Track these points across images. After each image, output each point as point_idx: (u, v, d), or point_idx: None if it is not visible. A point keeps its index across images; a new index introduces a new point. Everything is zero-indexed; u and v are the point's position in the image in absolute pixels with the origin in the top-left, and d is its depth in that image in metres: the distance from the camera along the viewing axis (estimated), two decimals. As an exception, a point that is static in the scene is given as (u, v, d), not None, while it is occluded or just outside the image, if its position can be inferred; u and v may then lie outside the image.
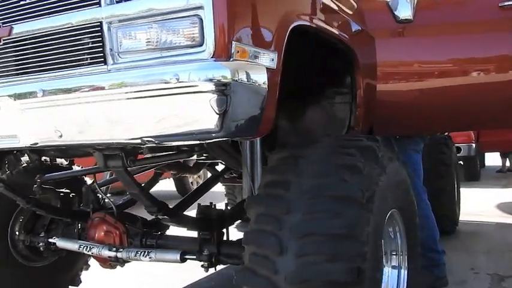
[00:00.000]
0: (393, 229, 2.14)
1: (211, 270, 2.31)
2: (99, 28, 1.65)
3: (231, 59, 1.50)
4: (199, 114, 1.46)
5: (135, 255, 2.31)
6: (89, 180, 3.26)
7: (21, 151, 2.73)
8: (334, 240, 1.55)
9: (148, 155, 2.09)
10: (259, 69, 1.57)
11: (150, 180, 3.45)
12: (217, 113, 1.44)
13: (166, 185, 7.55)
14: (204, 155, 2.82)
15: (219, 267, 2.40)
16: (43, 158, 2.94)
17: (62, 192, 3.03)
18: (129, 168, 2.08)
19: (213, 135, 1.47)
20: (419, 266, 2.25)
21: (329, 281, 1.52)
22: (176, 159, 2.45)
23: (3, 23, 1.83)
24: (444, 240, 4.55)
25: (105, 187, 3.11)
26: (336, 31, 2.18)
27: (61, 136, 1.71)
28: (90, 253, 2.49)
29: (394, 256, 2.17)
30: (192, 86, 1.45)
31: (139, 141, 1.60)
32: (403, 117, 2.98)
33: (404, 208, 2.11)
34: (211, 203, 2.47)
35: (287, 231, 1.61)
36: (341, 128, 2.67)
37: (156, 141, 1.58)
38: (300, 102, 2.80)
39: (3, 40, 1.83)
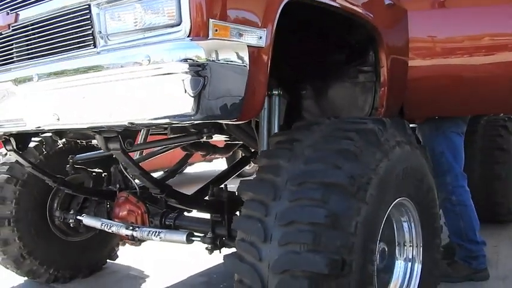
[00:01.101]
0: (406, 219, 2.00)
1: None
2: (88, 11, 1.65)
3: (209, 38, 1.44)
4: (174, 97, 1.42)
5: (147, 235, 2.35)
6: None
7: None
8: (317, 230, 1.46)
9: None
10: (240, 48, 1.50)
11: (180, 161, 3.50)
12: (191, 95, 1.40)
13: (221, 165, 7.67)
14: (225, 135, 2.80)
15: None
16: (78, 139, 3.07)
17: (94, 172, 3.15)
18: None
19: (190, 118, 1.43)
20: (437, 259, 2.09)
21: (310, 271, 1.44)
22: (184, 141, 2.45)
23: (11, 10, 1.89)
24: (497, 229, 4.25)
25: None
26: (348, 4, 2.02)
27: (59, 119, 1.75)
28: (110, 231, 2.57)
29: (408, 248, 2.02)
30: (165, 67, 1.41)
31: (126, 123, 1.59)
32: (439, 97, 2.76)
33: (418, 197, 1.95)
34: (225, 185, 2.44)
35: (272, 218, 1.55)
36: (364, 108, 2.53)
37: (140, 124, 1.57)
38: (324, 81, 2.68)
39: (12, 27, 1.90)
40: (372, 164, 1.61)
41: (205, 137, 2.28)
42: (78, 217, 2.88)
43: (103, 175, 3.13)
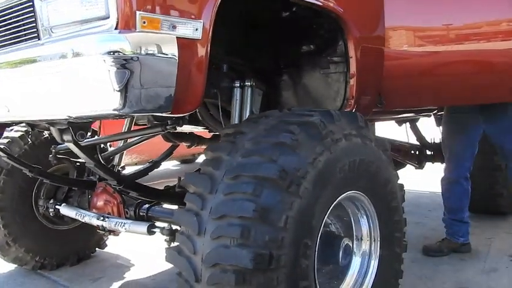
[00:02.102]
0: (362, 213, 1.96)
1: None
2: (31, 3, 1.66)
3: (136, 31, 1.43)
4: (101, 90, 1.42)
5: (115, 225, 2.38)
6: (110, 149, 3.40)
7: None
8: (245, 224, 1.45)
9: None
10: (170, 40, 1.48)
11: (165, 152, 3.52)
12: (117, 89, 1.40)
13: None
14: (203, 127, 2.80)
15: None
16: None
17: (78, 162, 3.19)
18: None
19: (117, 111, 1.43)
20: (397, 253, 2.04)
21: (237, 266, 1.43)
22: (148, 133, 2.45)
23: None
24: (496, 221, 4.14)
25: (118, 157, 3.22)
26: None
27: (9, 111, 1.78)
28: (83, 221, 2.61)
29: (365, 242, 1.99)
30: (90, 60, 1.41)
31: (65, 117, 1.61)
32: (417, 87, 2.68)
33: (373, 190, 1.91)
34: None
35: (208, 212, 1.54)
36: (336, 99, 2.48)
37: (77, 117, 1.58)
38: (298, 72, 2.64)
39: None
40: (309, 158, 1.57)
41: (169, 129, 2.28)
42: (57, 206, 2.93)
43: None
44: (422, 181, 5.79)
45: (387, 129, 4.90)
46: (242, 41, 2.60)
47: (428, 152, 4.81)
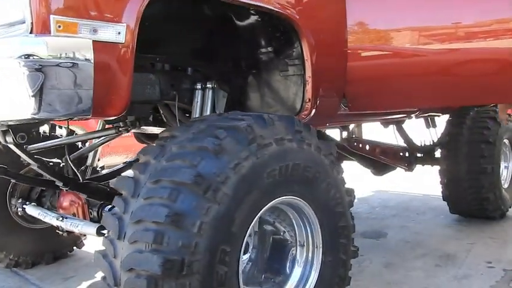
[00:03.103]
0: (304, 219, 1.93)
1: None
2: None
3: (51, 35, 1.43)
4: (16, 94, 1.43)
5: (70, 226, 2.39)
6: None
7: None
8: (158, 229, 1.44)
9: None
10: (86, 44, 1.48)
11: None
12: (31, 93, 1.40)
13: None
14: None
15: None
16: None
17: (51, 162, 3.22)
18: None
19: (34, 116, 1.43)
20: (342, 260, 2.01)
21: (148, 271, 1.42)
22: (101, 136, 2.46)
23: None
24: (483, 226, 4.04)
25: (92, 156, 3.24)
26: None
27: None
28: (46, 220, 2.64)
29: (307, 248, 1.95)
30: (4, 63, 1.41)
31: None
32: (381, 89, 2.63)
33: (313, 195, 1.87)
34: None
35: (128, 216, 1.54)
36: (296, 101, 2.46)
37: (2, 121, 1.59)
38: (259, 74, 2.62)
39: None
40: (231, 163, 1.55)
41: (122, 131, 2.29)
42: (24, 206, 2.96)
43: (61, 165, 3.20)
44: (418, 184, 5.71)
45: (378, 131, 4.85)
46: (204, 43, 2.60)
47: (418, 154, 4.75)
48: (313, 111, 2.43)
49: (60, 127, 3.44)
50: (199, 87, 2.49)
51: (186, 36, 2.55)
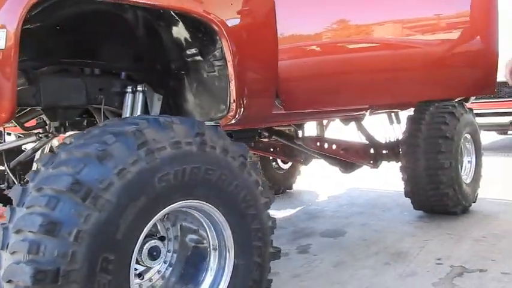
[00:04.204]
0: (214, 223, 1.90)
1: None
2: None
3: None
4: None
5: None
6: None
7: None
8: (33, 239, 1.41)
9: None
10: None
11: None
12: None
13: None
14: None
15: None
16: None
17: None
18: None
19: None
20: (257, 263, 1.98)
21: (22, 283, 1.39)
22: (26, 143, 2.44)
23: None
24: (445, 222, 4.02)
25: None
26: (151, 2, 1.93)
27: None
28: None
29: (220, 251, 1.93)
30: None
31: None
32: (314, 89, 2.61)
33: (220, 199, 1.84)
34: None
35: (12, 225, 1.51)
36: (225, 102, 2.43)
37: None
38: (188, 76, 2.60)
39: None
40: (115, 169, 1.52)
41: (42, 137, 2.26)
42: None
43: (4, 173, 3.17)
44: (391, 180, 5.66)
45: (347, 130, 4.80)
46: (132, 47, 2.58)
47: (383, 151, 4.72)
48: (241, 111, 2.40)
49: (9, 134, 3.43)
50: (130, 90, 2.48)
51: (113, 40, 2.53)
